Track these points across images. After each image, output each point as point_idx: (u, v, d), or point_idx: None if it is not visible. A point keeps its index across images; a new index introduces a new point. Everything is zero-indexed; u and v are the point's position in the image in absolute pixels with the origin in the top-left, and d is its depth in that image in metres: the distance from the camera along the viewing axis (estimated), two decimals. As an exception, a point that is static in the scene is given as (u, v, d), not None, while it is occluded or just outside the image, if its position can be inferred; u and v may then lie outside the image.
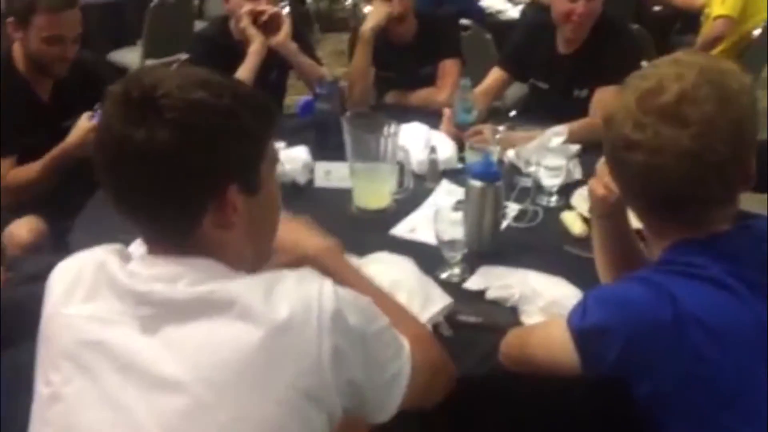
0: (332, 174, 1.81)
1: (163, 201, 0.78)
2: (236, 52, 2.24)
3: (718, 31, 3.38)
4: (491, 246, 1.46)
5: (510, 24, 3.69)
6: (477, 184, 1.43)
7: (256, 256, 0.87)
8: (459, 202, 1.65)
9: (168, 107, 0.76)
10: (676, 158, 0.86)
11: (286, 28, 2.18)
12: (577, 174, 1.78)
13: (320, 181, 1.81)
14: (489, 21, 3.66)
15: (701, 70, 0.87)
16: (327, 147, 1.95)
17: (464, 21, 3.08)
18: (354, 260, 1.30)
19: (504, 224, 1.54)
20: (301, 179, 1.80)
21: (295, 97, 2.72)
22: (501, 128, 1.87)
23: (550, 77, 2.23)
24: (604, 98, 2.03)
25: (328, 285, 0.78)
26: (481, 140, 1.84)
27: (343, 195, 1.71)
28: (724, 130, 0.86)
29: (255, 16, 2.14)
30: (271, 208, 0.88)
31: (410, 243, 1.54)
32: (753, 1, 3.42)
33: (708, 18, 3.50)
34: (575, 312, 0.93)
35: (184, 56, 2.62)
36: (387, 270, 1.24)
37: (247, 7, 2.13)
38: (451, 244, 1.38)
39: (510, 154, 1.82)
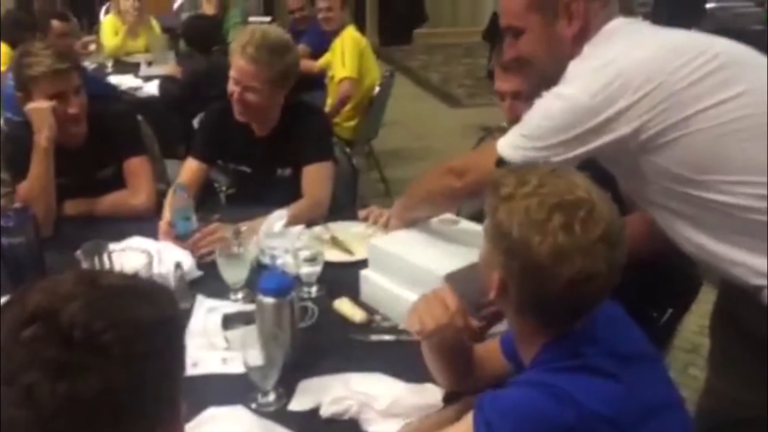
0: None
1: None
2: None
3: (345, 91, 3.80)
4: (292, 359, 1.40)
5: (149, 101, 3.55)
6: (270, 300, 1.35)
7: None
8: (227, 319, 1.55)
9: (114, 342, 0.62)
10: (604, 261, 0.93)
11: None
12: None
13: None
14: (128, 99, 3.46)
15: (586, 180, 0.99)
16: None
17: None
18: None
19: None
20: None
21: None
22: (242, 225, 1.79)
23: (250, 160, 2.21)
24: (315, 176, 2.11)
25: None
26: (218, 241, 1.74)
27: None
28: (619, 222, 0.97)
29: None
30: None
31: (198, 379, 1.38)
32: (364, 63, 3.94)
33: (332, 80, 3.90)
34: (479, 429, 0.94)
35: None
36: (228, 429, 1.10)
37: None
38: (263, 370, 1.28)
39: (252, 250, 1.76)
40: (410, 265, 1.53)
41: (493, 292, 1.02)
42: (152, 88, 3.69)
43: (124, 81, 3.75)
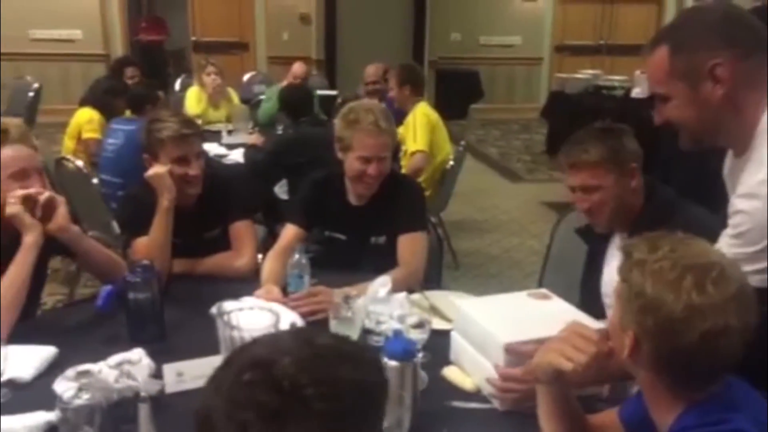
0: (186, 375, 1.57)
1: None
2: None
3: (417, 164, 3.91)
4: (413, 423, 1.43)
5: (235, 168, 3.72)
6: (395, 364, 1.40)
7: None
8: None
9: (315, 396, 0.68)
10: (736, 317, 0.99)
11: (63, 210, 1.85)
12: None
13: (173, 386, 1.56)
14: (216, 166, 3.62)
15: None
16: (146, 341, 1.71)
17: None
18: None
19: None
20: (153, 389, 1.52)
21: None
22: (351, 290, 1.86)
23: (346, 228, 2.30)
24: (410, 245, 2.18)
25: None
26: (320, 303, 1.81)
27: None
28: (749, 283, 1.04)
29: (28, 202, 1.77)
30: None
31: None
32: (437, 138, 4.06)
33: (405, 153, 4.03)
34: None
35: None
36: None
37: (18, 192, 1.76)
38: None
39: (360, 314, 1.81)
40: (480, 329, 1.59)
41: (627, 350, 1.06)
42: (237, 156, 3.87)
43: (210, 149, 3.94)
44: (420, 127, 3.99)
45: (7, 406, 1.47)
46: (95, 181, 3.38)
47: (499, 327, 1.55)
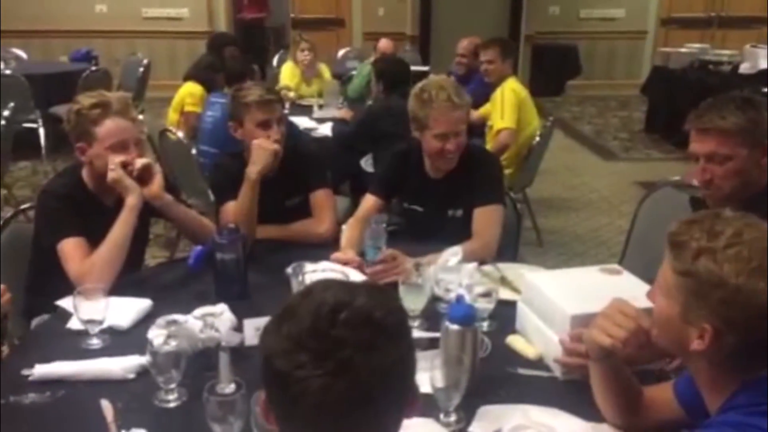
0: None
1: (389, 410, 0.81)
2: (94, 206, 2.02)
3: (503, 141, 3.89)
4: (472, 385, 1.48)
5: (323, 141, 3.84)
6: (456, 327, 1.45)
7: None
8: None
9: (394, 324, 0.80)
10: None
11: (159, 178, 2.01)
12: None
13: (251, 340, 1.68)
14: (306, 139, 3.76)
15: None
16: (230, 298, 1.84)
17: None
18: None
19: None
20: (233, 341, 1.65)
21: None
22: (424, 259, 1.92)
23: (424, 200, 2.36)
24: (486, 218, 2.21)
25: None
26: (401, 272, 1.88)
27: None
28: None
29: (126, 167, 1.95)
30: None
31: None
32: (524, 114, 4.02)
33: (491, 129, 4.01)
34: None
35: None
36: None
37: (119, 158, 1.93)
38: (447, 391, 1.37)
39: (430, 282, 1.87)
40: (546, 300, 1.61)
41: (702, 343, 1.01)
42: (325, 130, 4.00)
43: (300, 122, 4.09)
44: (507, 105, 3.96)
45: (107, 350, 1.65)
46: (194, 151, 3.59)
47: (565, 299, 1.57)
